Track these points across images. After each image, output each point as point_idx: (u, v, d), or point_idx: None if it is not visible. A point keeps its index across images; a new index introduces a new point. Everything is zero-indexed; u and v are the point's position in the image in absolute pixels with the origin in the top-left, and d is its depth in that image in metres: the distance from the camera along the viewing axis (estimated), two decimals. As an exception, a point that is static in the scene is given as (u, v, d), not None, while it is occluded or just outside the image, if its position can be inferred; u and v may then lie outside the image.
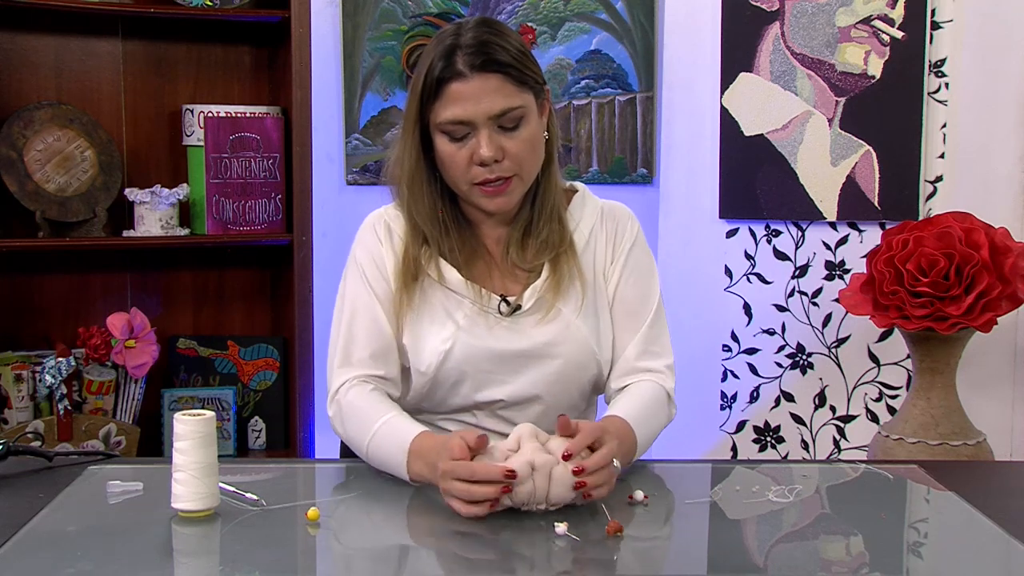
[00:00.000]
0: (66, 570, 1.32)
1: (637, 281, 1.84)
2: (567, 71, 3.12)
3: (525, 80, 1.70)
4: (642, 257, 1.86)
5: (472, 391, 1.76)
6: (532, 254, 1.79)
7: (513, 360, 1.76)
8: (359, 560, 1.44)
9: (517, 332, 1.76)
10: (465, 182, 1.72)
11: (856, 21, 2.86)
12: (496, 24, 1.74)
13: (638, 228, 1.88)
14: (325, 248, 2.90)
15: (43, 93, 2.80)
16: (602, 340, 1.81)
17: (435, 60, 1.68)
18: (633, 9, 3.12)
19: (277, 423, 2.96)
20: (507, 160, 1.70)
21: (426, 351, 1.75)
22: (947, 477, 1.71)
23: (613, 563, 1.40)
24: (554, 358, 1.76)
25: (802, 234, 2.93)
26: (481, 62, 1.66)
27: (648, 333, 1.83)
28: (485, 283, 1.78)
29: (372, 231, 1.82)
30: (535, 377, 1.76)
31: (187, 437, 1.47)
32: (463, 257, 1.78)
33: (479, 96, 1.67)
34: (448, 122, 1.68)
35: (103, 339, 2.68)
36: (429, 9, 3.06)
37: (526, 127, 1.71)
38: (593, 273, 1.83)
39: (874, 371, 2.92)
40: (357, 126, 3.08)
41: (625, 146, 3.16)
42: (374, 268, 1.80)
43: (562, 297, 1.77)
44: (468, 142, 1.69)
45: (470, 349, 1.74)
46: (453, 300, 1.77)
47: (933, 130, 2.85)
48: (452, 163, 1.71)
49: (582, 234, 1.83)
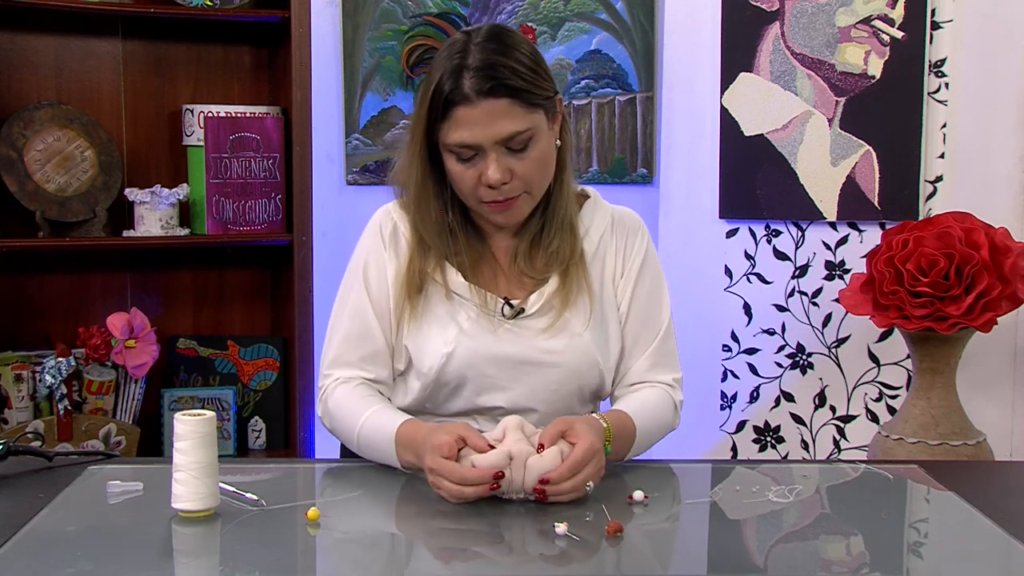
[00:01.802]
0: (66, 570, 1.32)
1: (649, 297, 1.84)
2: (567, 71, 3.12)
3: (534, 100, 1.67)
4: (653, 272, 1.86)
5: (473, 395, 1.76)
6: (541, 265, 1.78)
7: (515, 366, 1.75)
8: (359, 560, 1.44)
9: (520, 338, 1.76)
10: (473, 199, 1.72)
11: (856, 21, 2.86)
12: (506, 37, 1.69)
13: (648, 239, 1.87)
14: (325, 248, 2.90)
15: (43, 93, 2.80)
16: (608, 349, 1.80)
17: (443, 78, 1.65)
18: (633, 9, 3.12)
19: (277, 423, 2.96)
20: (515, 180, 1.69)
21: (428, 353, 1.75)
22: (947, 477, 1.71)
23: (613, 563, 1.40)
24: (556, 366, 1.75)
25: (802, 234, 2.93)
26: (489, 87, 1.63)
27: (659, 348, 1.84)
28: (490, 288, 1.78)
29: (378, 232, 1.82)
30: (536, 384, 1.75)
31: (187, 437, 1.47)
32: (469, 263, 1.78)
33: (486, 122, 1.64)
34: (455, 145, 1.67)
35: (103, 339, 2.68)
36: (429, 9, 3.06)
37: (535, 147, 1.69)
38: (602, 282, 1.82)
39: (874, 371, 2.92)
40: (357, 126, 3.08)
41: (625, 146, 3.16)
42: (373, 271, 1.80)
43: (570, 307, 1.76)
44: (476, 163, 1.68)
45: (472, 353, 1.74)
46: (457, 303, 1.76)
47: (933, 130, 2.85)
48: (460, 182, 1.70)
49: (592, 241, 1.82)
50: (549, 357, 1.75)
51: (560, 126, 1.76)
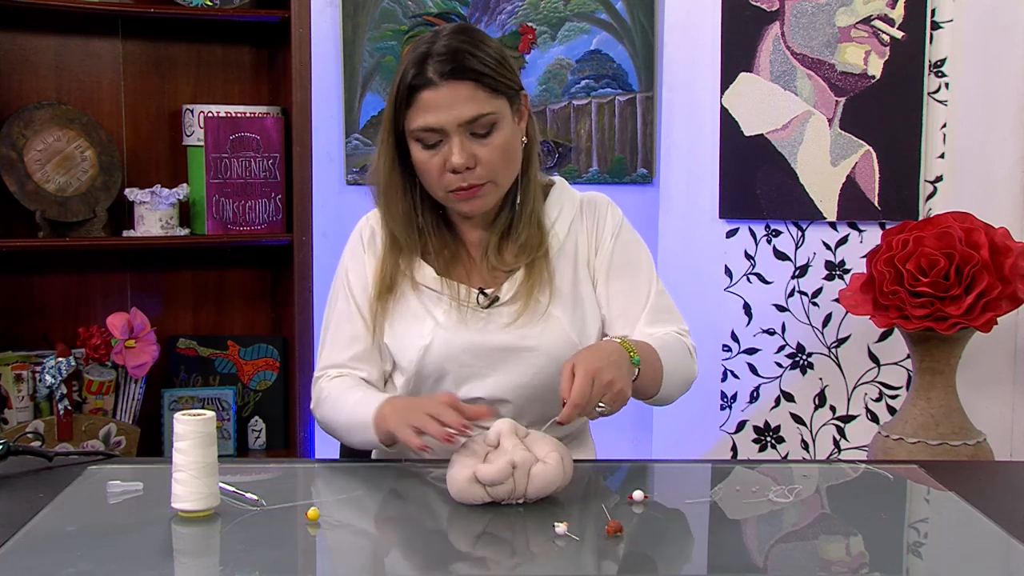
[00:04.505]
0: (66, 570, 1.32)
1: (628, 264, 1.85)
2: (567, 71, 3.12)
3: (498, 87, 1.71)
4: (629, 242, 1.87)
5: (454, 387, 1.78)
6: (511, 257, 1.81)
7: (493, 353, 1.77)
8: (359, 560, 1.44)
9: (495, 325, 1.78)
10: (440, 188, 1.74)
11: (856, 21, 2.86)
12: (472, 31, 1.75)
13: (619, 214, 1.88)
14: (325, 248, 2.90)
15: (43, 93, 2.80)
16: (585, 329, 1.81)
17: (408, 67, 1.70)
18: (633, 9, 3.12)
19: (277, 423, 2.96)
20: (479, 167, 1.71)
21: (406, 348, 1.79)
22: (947, 477, 1.71)
23: (613, 563, 1.40)
24: (534, 350, 1.77)
25: (802, 234, 2.93)
26: (451, 69, 1.67)
27: (654, 305, 1.84)
28: (463, 281, 1.81)
29: (358, 237, 1.87)
30: (516, 370, 1.77)
31: (187, 437, 1.47)
32: (443, 258, 1.81)
33: (450, 104, 1.68)
34: (420, 129, 1.70)
35: (103, 339, 2.68)
36: (429, 9, 3.06)
37: (499, 133, 1.72)
38: (575, 265, 1.83)
39: (874, 371, 2.92)
40: (357, 126, 3.08)
41: (625, 146, 3.16)
42: (355, 275, 1.85)
43: (541, 292, 1.79)
44: (441, 149, 1.71)
45: (449, 344, 1.77)
46: (432, 298, 1.80)
47: (933, 130, 2.85)
48: (426, 170, 1.73)
49: (562, 227, 1.84)
50: (526, 342, 1.77)
51: (527, 124, 1.79)
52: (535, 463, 1.54)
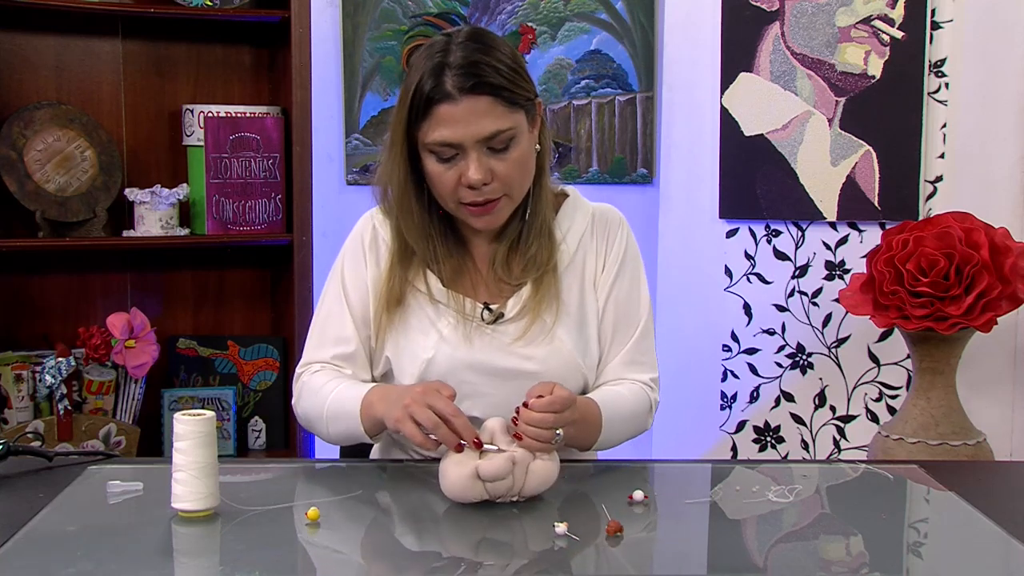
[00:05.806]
0: (66, 570, 1.32)
1: (628, 295, 1.83)
2: (567, 71, 3.12)
3: (515, 99, 1.67)
4: (633, 268, 1.85)
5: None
6: (519, 270, 1.77)
7: (495, 373, 1.74)
8: (359, 560, 1.44)
9: (499, 343, 1.75)
10: (453, 201, 1.71)
11: (856, 21, 2.86)
12: (486, 38, 1.70)
13: (629, 235, 1.86)
14: (325, 248, 2.89)
15: (43, 93, 2.80)
16: (588, 351, 1.80)
17: (424, 77, 1.65)
18: (633, 9, 3.12)
19: (277, 423, 2.96)
20: (496, 182, 1.68)
21: (408, 360, 1.75)
22: (947, 477, 1.71)
23: (613, 563, 1.40)
24: (537, 375, 1.73)
25: (802, 234, 2.93)
26: (471, 84, 1.63)
27: (636, 346, 1.82)
28: (470, 295, 1.78)
29: (359, 238, 1.83)
30: (516, 391, 1.72)
31: (187, 437, 1.47)
32: (450, 270, 1.77)
33: (468, 119, 1.63)
34: (436, 143, 1.66)
35: (103, 339, 2.68)
36: (429, 9, 3.06)
37: (516, 148, 1.68)
38: (582, 282, 1.81)
39: (874, 371, 2.92)
40: (357, 126, 3.08)
41: (625, 146, 3.16)
42: (352, 276, 1.81)
43: (547, 310, 1.76)
44: (456, 163, 1.67)
45: (452, 360, 1.74)
46: (437, 310, 1.76)
47: (933, 130, 2.85)
48: (440, 183, 1.69)
49: (572, 241, 1.82)
50: (530, 365, 1.74)
51: (540, 130, 1.75)
52: (533, 459, 1.54)
